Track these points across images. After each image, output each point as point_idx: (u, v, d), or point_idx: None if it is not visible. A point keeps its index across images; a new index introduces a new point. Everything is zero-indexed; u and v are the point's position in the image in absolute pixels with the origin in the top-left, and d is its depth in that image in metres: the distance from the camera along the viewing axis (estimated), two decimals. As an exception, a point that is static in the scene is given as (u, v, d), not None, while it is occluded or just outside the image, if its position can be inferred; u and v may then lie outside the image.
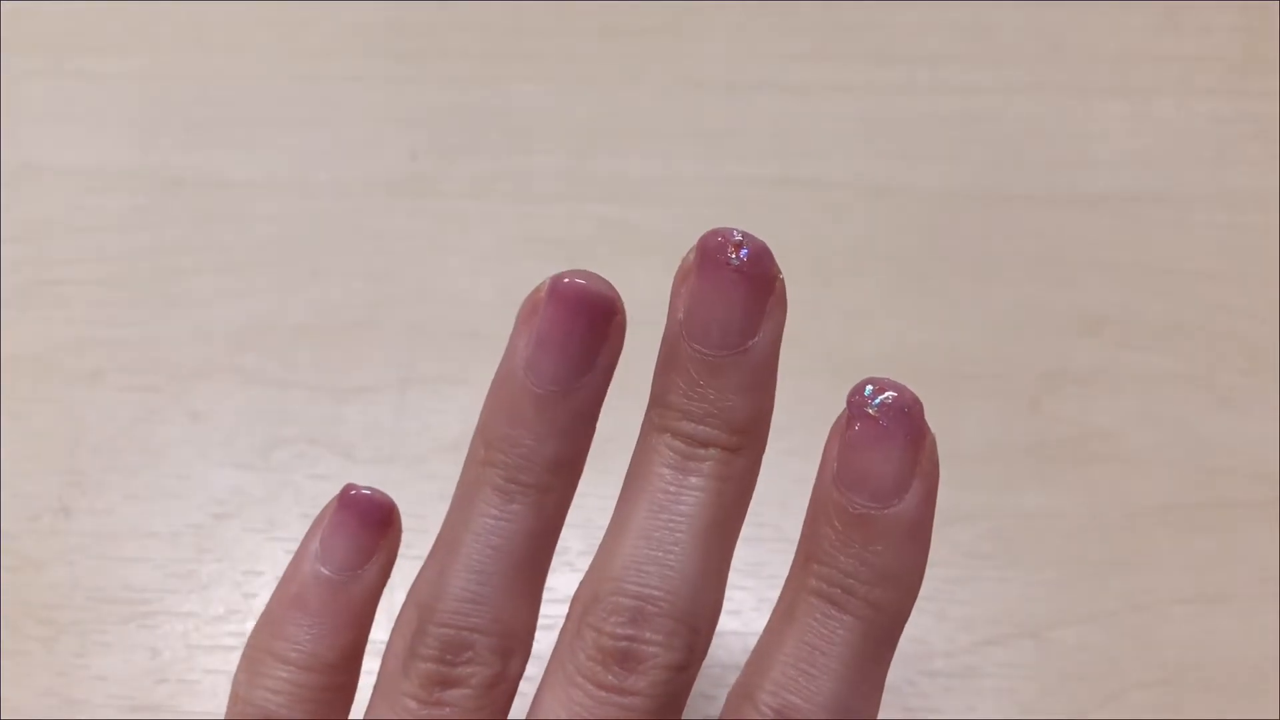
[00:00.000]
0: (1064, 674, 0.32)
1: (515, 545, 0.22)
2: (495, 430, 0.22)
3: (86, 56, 0.41)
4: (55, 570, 0.34)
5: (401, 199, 0.39)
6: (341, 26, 0.42)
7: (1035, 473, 0.35)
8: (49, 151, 0.40)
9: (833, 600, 0.21)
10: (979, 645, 0.33)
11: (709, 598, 0.21)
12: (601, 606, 0.21)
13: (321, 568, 0.23)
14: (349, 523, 0.24)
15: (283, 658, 0.23)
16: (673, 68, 0.41)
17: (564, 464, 0.22)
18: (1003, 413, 0.36)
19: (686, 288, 0.21)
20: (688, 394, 0.21)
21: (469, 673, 0.22)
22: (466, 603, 0.22)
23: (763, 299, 0.21)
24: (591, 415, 0.22)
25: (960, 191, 0.39)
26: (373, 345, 0.37)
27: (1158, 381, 0.36)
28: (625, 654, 0.21)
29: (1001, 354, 0.36)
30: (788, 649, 0.21)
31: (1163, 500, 0.34)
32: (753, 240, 0.21)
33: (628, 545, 0.21)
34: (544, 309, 0.22)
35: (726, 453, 0.21)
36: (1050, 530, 0.34)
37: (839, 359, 0.36)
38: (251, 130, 0.40)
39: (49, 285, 0.38)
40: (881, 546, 0.20)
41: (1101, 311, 0.37)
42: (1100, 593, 0.33)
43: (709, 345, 0.21)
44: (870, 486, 0.21)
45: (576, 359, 0.22)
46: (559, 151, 0.40)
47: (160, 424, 0.35)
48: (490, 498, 0.22)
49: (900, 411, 0.21)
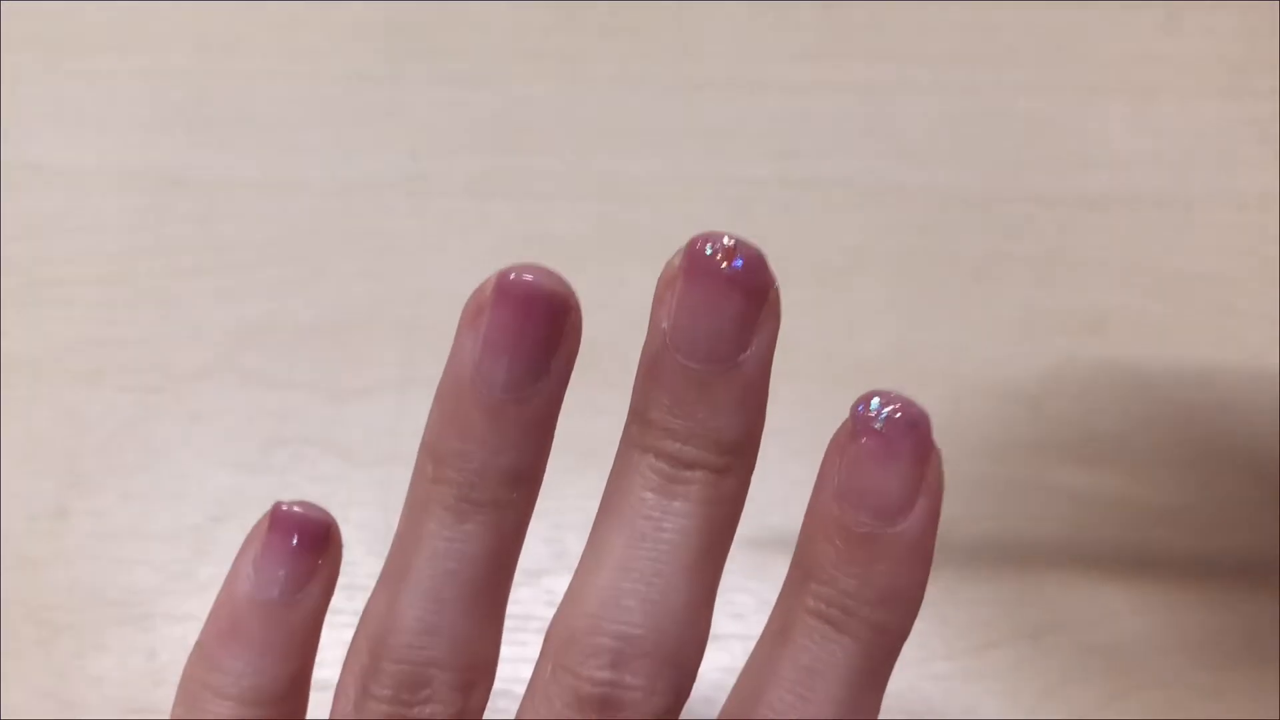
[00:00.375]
0: (1065, 676, 0.32)
1: (472, 568, 0.20)
2: (444, 445, 0.20)
3: (86, 56, 0.41)
4: (53, 571, 0.33)
5: (401, 199, 0.39)
6: (341, 26, 0.42)
7: (1036, 473, 0.35)
8: (49, 151, 0.40)
9: (831, 621, 0.19)
10: (980, 648, 0.32)
11: (695, 633, 0.20)
12: (578, 648, 0.19)
13: (256, 593, 0.22)
14: (283, 544, 0.22)
15: (221, 692, 0.21)
16: (673, 68, 0.41)
17: (522, 478, 0.20)
18: (1003, 413, 0.36)
19: (672, 295, 0.20)
20: (672, 410, 0.20)
21: (428, 712, 0.20)
22: (421, 634, 0.20)
23: (755, 310, 0.19)
24: (549, 423, 0.20)
25: (960, 191, 0.39)
26: (373, 345, 0.37)
27: (1158, 381, 0.36)
28: (605, 700, 0.19)
29: (1001, 354, 0.36)
30: (783, 671, 0.20)
31: (1163, 500, 0.34)
32: (746, 247, 0.19)
33: (605, 577, 0.20)
34: (490, 310, 0.20)
35: (714, 474, 0.20)
36: (1051, 531, 0.34)
37: (838, 359, 0.36)
38: (251, 130, 0.40)
39: (49, 285, 0.38)
40: (884, 566, 0.19)
41: (1101, 311, 0.37)
42: (1100, 593, 0.33)
43: (696, 359, 0.19)
44: (874, 503, 0.19)
45: (529, 364, 0.20)
46: (559, 151, 0.40)
47: (160, 424, 0.35)
48: (442, 518, 0.20)
49: (908, 426, 0.19)
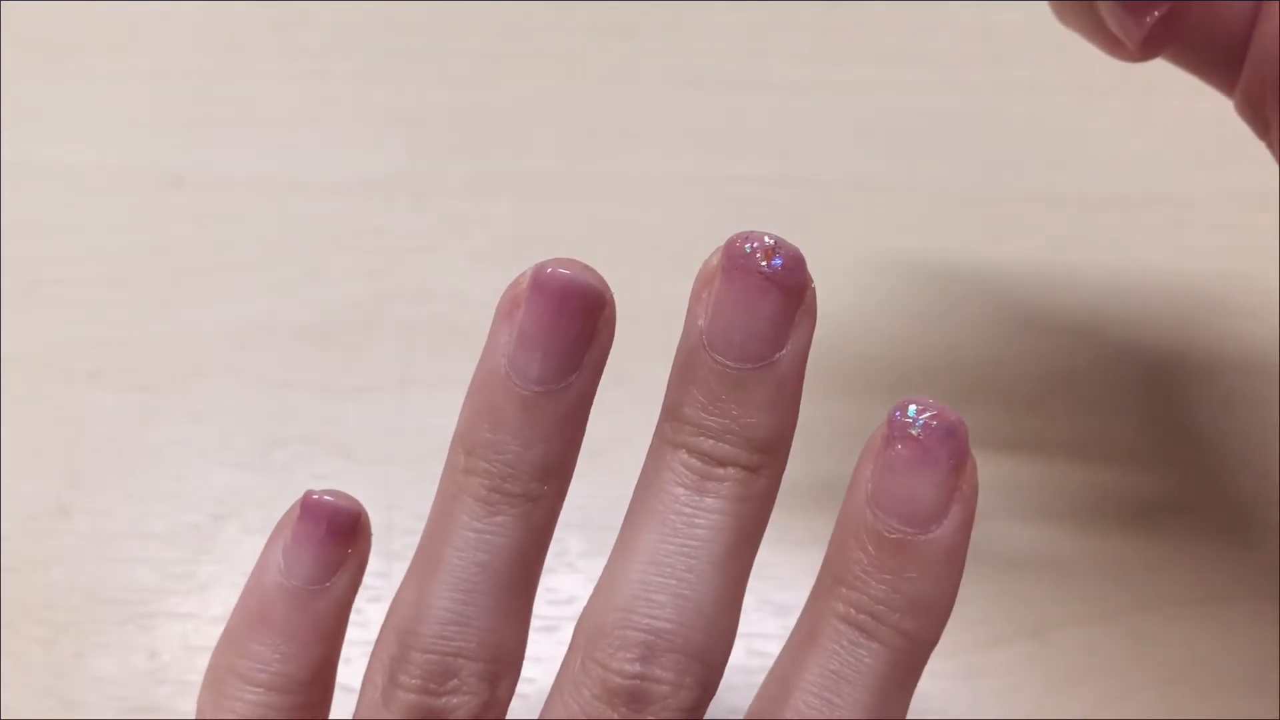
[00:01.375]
0: (1066, 675, 0.32)
1: (502, 560, 0.20)
2: (476, 436, 0.21)
3: (86, 56, 0.41)
4: (54, 571, 0.33)
5: (401, 199, 0.39)
6: (341, 26, 0.42)
7: (1036, 473, 0.35)
8: (49, 151, 0.40)
9: (861, 627, 0.20)
10: (981, 646, 0.32)
11: (724, 630, 0.20)
12: (608, 640, 0.19)
13: (285, 581, 0.22)
14: (312, 532, 0.22)
15: (249, 678, 0.22)
16: (673, 68, 0.41)
17: (553, 470, 0.21)
18: (1003, 413, 0.36)
19: (710, 293, 0.20)
20: (706, 408, 0.20)
21: (455, 703, 0.20)
22: (450, 625, 0.20)
23: (792, 309, 0.20)
24: (581, 417, 0.21)
25: (960, 191, 0.39)
26: (373, 345, 0.37)
27: (1157, 382, 0.36)
28: (634, 693, 0.19)
29: (1002, 354, 0.36)
30: (810, 675, 0.20)
31: (1164, 500, 0.34)
32: (786, 246, 0.20)
33: (636, 571, 0.20)
34: (526, 303, 0.20)
35: (746, 472, 0.20)
36: (1051, 530, 0.34)
37: (838, 359, 0.36)
38: (251, 130, 0.40)
39: (49, 285, 0.38)
40: (916, 573, 0.19)
41: (1101, 312, 0.37)
42: (1101, 593, 0.33)
43: (732, 357, 0.20)
44: (908, 510, 0.19)
45: (563, 357, 0.20)
46: (559, 151, 0.40)
47: (159, 424, 0.35)
48: (473, 509, 0.20)
49: (945, 434, 0.20)
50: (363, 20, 0.42)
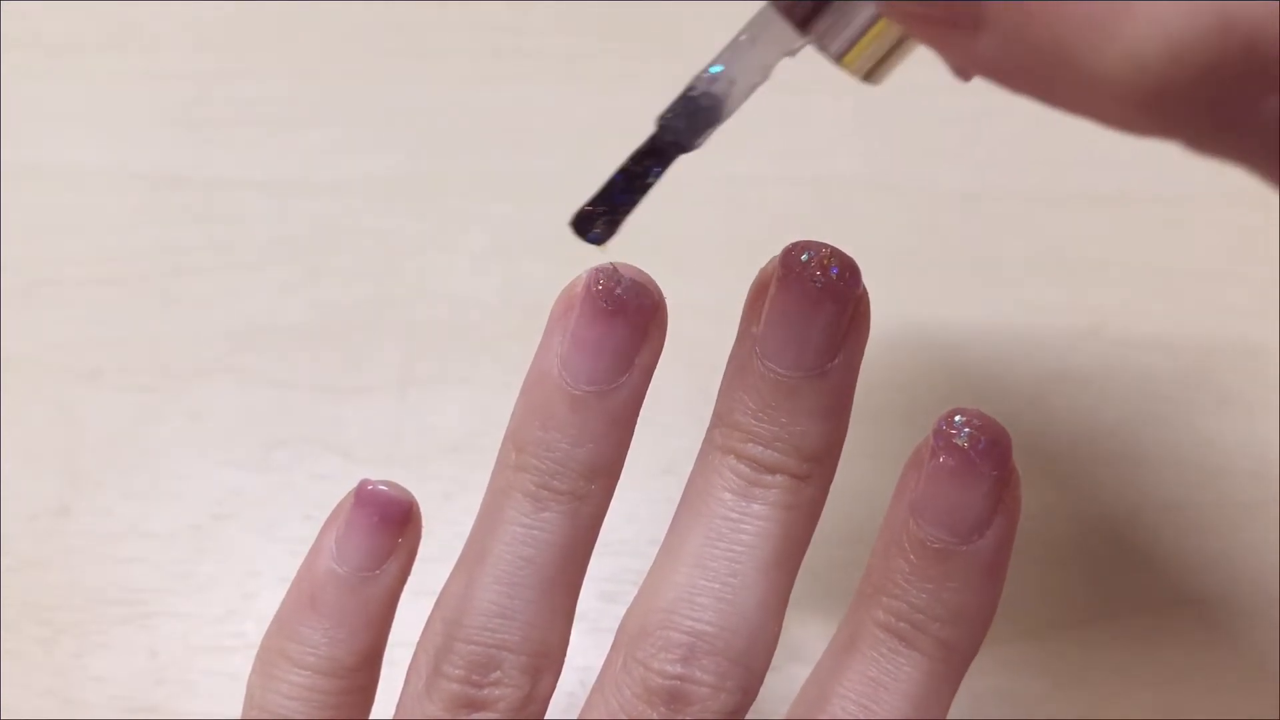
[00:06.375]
0: (1067, 674, 0.32)
1: (548, 556, 0.21)
2: (527, 433, 0.21)
3: (86, 56, 0.41)
4: (54, 571, 0.33)
5: (401, 199, 0.39)
6: (341, 26, 0.42)
7: (1036, 473, 0.35)
8: (49, 151, 0.40)
9: (900, 635, 0.20)
10: (982, 646, 0.32)
11: (766, 635, 0.20)
12: (650, 641, 0.20)
13: (337, 567, 0.22)
14: (366, 520, 0.22)
15: (298, 661, 0.22)
16: (673, 68, 0.41)
17: (600, 469, 0.21)
18: (1003, 412, 0.35)
19: (765, 302, 0.20)
20: (757, 415, 0.20)
21: (496, 695, 0.20)
22: (495, 618, 0.20)
23: (845, 319, 0.20)
24: (630, 418, 0.21)
25: (960, 191, 0.39)
26: (373, 345, 0.37)
27: (1158, 381, 0.36)
28: (674, 694, 0.19)
29: (1001, 354, 0.36)
30: (849, 682, 0.20)
31: (1164, 500, 0.34)
32: (842, 256, 0.20)
33: (682, 574, 0.20)
34: (580, 305, 0.21)
35: (795, 480, 0.20)
36: (1051, 530, 0.34)
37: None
38: (251, 130, 0.40)
39: (49, 285, 0.38)
40: (958, 584, 0.20)
41: (1101, 311, 0.37)
42: (1101, 593, 0.33)
43: (784, 365, 0.20)
44: (952, 521, 0.19)
45: (614, 358, 0.20)
46: (559, 151, 0.40)
47: (159, 424, 0.35)
48: (521, 505, 0.21)
49: (990, 445, 0.20)
50: (363, 20, 0.42)
